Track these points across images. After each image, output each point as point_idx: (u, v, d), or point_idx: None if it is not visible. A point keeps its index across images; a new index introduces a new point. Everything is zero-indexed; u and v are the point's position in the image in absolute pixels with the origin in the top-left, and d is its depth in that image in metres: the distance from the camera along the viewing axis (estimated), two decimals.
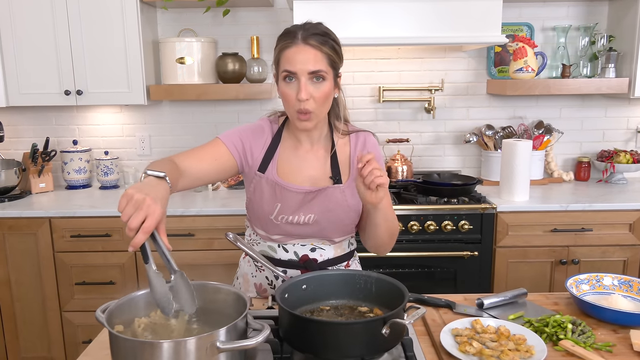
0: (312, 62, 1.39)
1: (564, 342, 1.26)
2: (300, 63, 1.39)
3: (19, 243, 2.64)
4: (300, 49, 1.39)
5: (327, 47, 1.41)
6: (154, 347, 0.96)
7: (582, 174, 3.16)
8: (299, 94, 1.39)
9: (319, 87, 1.41)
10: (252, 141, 1.55)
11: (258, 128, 1.58)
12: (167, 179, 1.20)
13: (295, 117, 1.46)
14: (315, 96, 1.41)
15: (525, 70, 2.84)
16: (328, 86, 1.43)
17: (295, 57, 1.39)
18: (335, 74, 1.46)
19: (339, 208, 1.53)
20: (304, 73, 1.39)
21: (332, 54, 1.42)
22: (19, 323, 2.73)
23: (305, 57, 1.39)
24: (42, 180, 3.02)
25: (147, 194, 1.06)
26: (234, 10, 3.03)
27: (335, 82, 1.48)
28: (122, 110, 3.16)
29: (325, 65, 1.41)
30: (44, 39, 2.75)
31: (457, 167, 3.25)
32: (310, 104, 1.41)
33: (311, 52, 1.39)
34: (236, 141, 1.53)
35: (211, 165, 1.48)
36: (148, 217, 1.03)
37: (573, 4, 3.08)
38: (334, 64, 1.44)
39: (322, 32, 1.42)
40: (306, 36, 1.40)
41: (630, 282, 1.51)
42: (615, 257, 2.66)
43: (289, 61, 1.40)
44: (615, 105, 3.19)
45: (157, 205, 1.05)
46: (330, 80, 1.44)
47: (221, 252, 2.64)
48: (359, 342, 1.15)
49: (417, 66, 3.13)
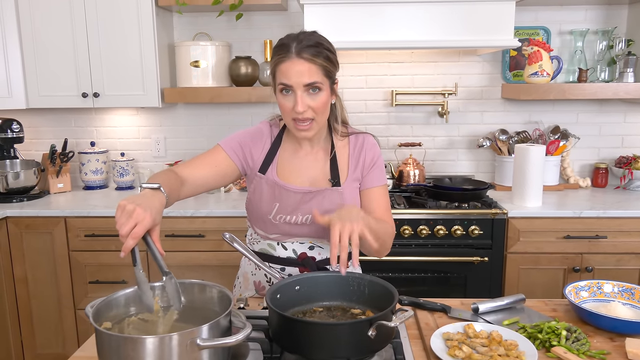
0: (306, 75, 1.40)
1: (556, 349, 1.24)
2: (295, 77, 1.40)
3: (36, 242, 2.72)
4: (295, 63, 1.40)
5: (320, 59, 1.41)
6: (137, 342, 0.98)
7: (599, 181, 3.09)
8: (295, 106, 1.42)
9: (315, 98, 1.43)
10: (252, 144, 1.59)
11: (257, 131, 1.62)
12: (162, 189, 1.26)
13: (293, 126, 1.48)
14: (313, 106, 1.44)
15: (540, 75, 2.80)
16: (325, 95, 1.45)
17: (290, 71, 1.41)
18: (331, 83, 1.48)
19: (335, 209, 1.53)
20: (299, 86, 1.41)
21: (326, 64, 1.43)
22: (35, 320, 2.80)
23: (299, 71, 1.40)
24: (60, 181, 3.09)
25: (138, 204, 1.14)
26: (248, 14, 3.07)
27: (332, 89, 1.50)
28: (139, 113, 3.23)
29: (320, 77, 1.42)
30: (62, 43, 2.83)
31: (470, 171, 3.22)
32: (309, 113, 1.44)
33: (305, 65, 1.40)
34: (235, 146, 1.57)
35: (212, 172, 1.53)
36: (138, 224, 1.11)
37: (591, 7, 3.02)
38: (329, 73, 1.45)
39: (315, 43, 1.42)
40: (300, 49, 1.40)
41: (632, 289, 1.48)
42: (630, 266, 2.60)
43: (284, 75, 1.42)
44: (634, 110, 3.11)
45: (146, 213, 1.13)
46: (326, 89, 1.45)
47: (231, 253, 2.67)
48: (345, 343, 1.15)
49: (430, 70, 3.12)
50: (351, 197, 1.56)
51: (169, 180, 1.35)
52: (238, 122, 3.19)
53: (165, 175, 1.38)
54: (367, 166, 1.60)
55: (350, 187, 1.58)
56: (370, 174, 1.60)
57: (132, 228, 1.10)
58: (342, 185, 1.56)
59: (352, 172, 1.59)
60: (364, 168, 1.60)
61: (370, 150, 1.60)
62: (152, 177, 1.36)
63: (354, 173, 1.59)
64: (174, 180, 1.38)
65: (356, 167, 1.59)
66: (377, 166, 1.61)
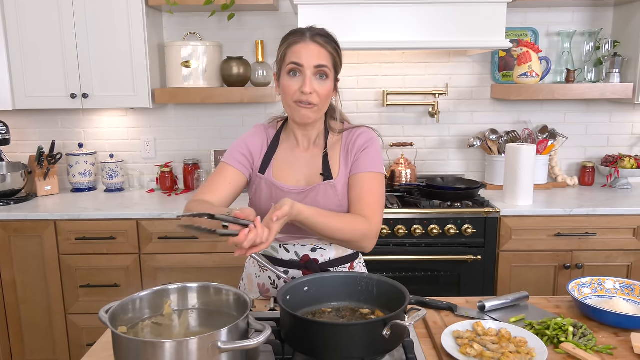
0: (317, 57, 1.48)
1: (565, 345, 1.26)
2: (307, 57, 1.47)
3: (25, 245, 2.66)
4: (308, 45, 1.48)
5: (331, 47, 1.51)
6: (156, 346, 0.97)
7: (586, 179, 3.15)
8: (303, 86, 1.47)
9: (322, 84, 1.49)
10: (251, 148, 1.62)
11: (253, 135, 1.65)
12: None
13: (294, 107, 1.50)
14: (319, 91, 1.49)
15: (530, 75, 2.84)
16: (330, 85, 1.52)
17: (303, 51, 1.47)
18: (335, 75, 1.55)
19: (330, 204, 1.54)
20: (310, 67, 1.47)
21: (335, 54, 1.52)
22: (24, 325, 2.74)
23: (312, 53, 1.47)
24: (47, 183, 3.04)
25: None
26: (239, 15, 3.05)
27: (335, 85, 1.56)
28: (128, 114, 3.19)
29: (329, 63, 1.50)
30: (50, 43, 2.78)
31: (460, 171, 3.25)
32: (314, 98, 1.49)
33: (317, 48, 1.48)
34: (238, 157, 1.60)
35: (229, 191, 1.57)
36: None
37: (578, 9, 3.08)
38: (335, 64, 1.53)
39: (327, 34, 1.53)
40: (313, 35, 1.50)
41: (632, 285, 1.51)
42: (619, 262, 2.66)
43: (296, 55, 1.48)
44: (619, 110, 3.18)
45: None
46: (332, 79, 1.52)
47: (225, 255, 2.65)
48: (359, 343, 1.15)
49: (421, 70, 3.14)
50: (345, 190, 1.56)
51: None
52: (230, 122, 3.17)
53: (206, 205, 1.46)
54: (357, 151, 1.57)
55: (343, 181, 1.56)
56: (358, 159, 1.56)
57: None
58: (335, 179, 1.55)
59: (343, 165, 1.58)
60: (354, 155, 1.57)
61: (361, 137, 1.58)
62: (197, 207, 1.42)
63: (346, 165, 1.58)
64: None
65: (346, 158, 1.58)
66: (367, 152, 1.56)
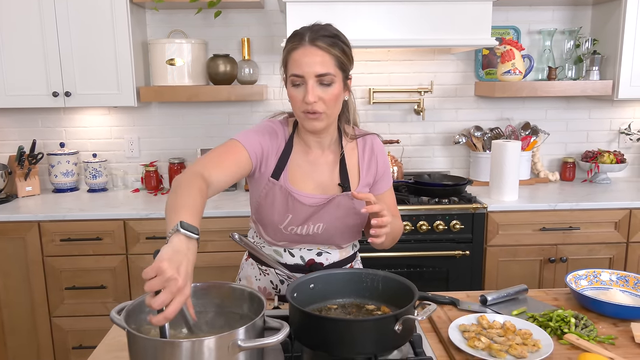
0: (319, 64, 1.37)
1: (568, 336, 1.29)
2: (307, 65, 1.36)
3: (7, 247, 2.59)
4: (308, 51, 1.37)
5: (335, 49, 1.39)
6: (174, 346, 0.95)
7: (567, 174, 3.22)
8: (306, 96, 1.37)
9: (327, 90, 1.39)
10: (270, 148, 1.51)
11: (273, 133, 1.53)
12: (198, 240, 1.08)
13: (303, 117, 1.43)
14: (324, 98, 1.39)
15: (513, 73, 2.89)
16: (337, 89, 1.41)
17: (302, 59, 1.37)
18: (344, 76, 1.43)
19: (347, 215, 1.52)
20: (311, 76, 1.37)
21: (341, 55, 1.40)
22: (7, 329, 2.67)
23: (312, 60, 1.37)
24: (28, 184, 2.97)
25: (179, 272, 0.97)
26: (225, 12, 3.02)
27: (345, 84, 1.45)
28: (111, 112, 3.13)
29: (333, 68, 1.38)
30: (31, 40, 2.71)
31: (446, 167, 3.29)
32: (320, 106, 1.39)
33: (318, 54, 1.37)
34: (257, 147, 1.48)
35: (233, 174, 1.43)
36: (175, 299, 0.95)
37: (558, 8, 3.14)
38: (343, 66, 1.41)
39: (331, 34, 1.40)
40: (314, 38, 1.38)
41: (627, 277, 1.56)
42: (601, 255, 2.73)
43: (296, 64, 1.38)
44: (598, 107, 3.26)
45: (187, 287, 0.98)
46: (339, 82, 1.41)
47: (214, 254, 2.63)
48: (371, 339, 1.16)
49: (406, 68, 3.16)
50: (363, 202, 1.51)
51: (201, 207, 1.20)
52: (216, 121, 3.14)
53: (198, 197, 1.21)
54: (380, 172, 1.59)
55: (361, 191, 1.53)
56: (382, 180, 1.61)
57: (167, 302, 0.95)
58: (352, 189, 1.53)
59: (364, 177, 1.56)
60: (377, 173, 1.59)
61: (382, 155, 1.60)
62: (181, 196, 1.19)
63: (366, 178, 1.57)
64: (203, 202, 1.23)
65: (368, 171, 1.57)
66: (388, 171, 1.62)
